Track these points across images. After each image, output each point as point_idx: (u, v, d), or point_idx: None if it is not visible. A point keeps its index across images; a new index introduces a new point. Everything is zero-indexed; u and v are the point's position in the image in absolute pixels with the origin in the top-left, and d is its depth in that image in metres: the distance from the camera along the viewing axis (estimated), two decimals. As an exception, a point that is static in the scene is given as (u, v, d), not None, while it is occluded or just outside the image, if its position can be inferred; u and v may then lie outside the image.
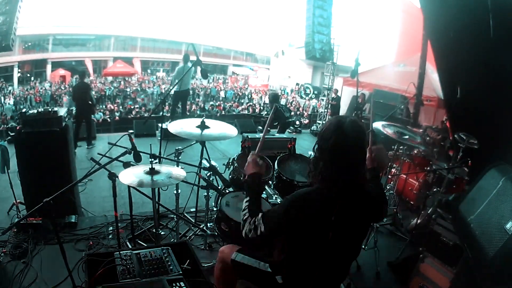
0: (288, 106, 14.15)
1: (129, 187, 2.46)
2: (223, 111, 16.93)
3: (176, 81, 7.17)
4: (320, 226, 1.41)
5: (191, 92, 21.10)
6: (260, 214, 1.51)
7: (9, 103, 15.53)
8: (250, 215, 1.54)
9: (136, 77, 24.81)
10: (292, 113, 10.13)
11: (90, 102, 6.75)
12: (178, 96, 7.55)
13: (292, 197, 1.45)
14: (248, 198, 1.63)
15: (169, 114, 8.17)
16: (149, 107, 16.65)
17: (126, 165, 2.31)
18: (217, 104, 18.78)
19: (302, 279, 1.53)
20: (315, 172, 1.45)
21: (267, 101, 17.87)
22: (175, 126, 2.75)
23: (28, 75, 22.35)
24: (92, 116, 7.46)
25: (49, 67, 23.47)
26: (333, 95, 9.91)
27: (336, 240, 1.42)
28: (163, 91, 19.48)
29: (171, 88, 7.02)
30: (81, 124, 6.79)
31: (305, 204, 1.41)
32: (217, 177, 2.91)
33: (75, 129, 7.12)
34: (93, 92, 9.06)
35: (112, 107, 15.93)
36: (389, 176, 4.13)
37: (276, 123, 5.97)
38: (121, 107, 16.90)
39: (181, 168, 2.52)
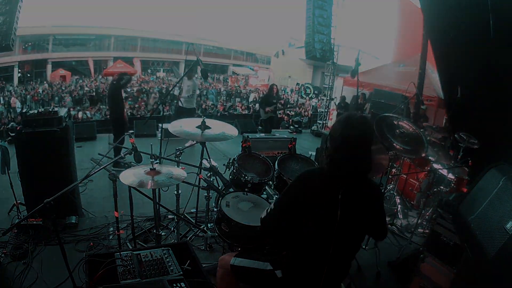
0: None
1: (129, 187, 2.46)
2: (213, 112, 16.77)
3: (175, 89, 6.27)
4: (326, 202, 1.49)
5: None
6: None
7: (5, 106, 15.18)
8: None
9: (136, 76, 24.78)
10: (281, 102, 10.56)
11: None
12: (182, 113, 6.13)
13: (295, 177, 1.62)
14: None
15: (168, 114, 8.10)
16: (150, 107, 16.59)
17: (127, 165, 2.32)
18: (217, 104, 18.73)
19: (303, 272, 1.53)
20: (324, 154, 1.58)
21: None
22: (175, 126, 2.75)
23: (28, 75, 22.34)
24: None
25: (49, 67, 23.46)
26: (342, 104, 9.75)
27: (344, 221, 1.47)
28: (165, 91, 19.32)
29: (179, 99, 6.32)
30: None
31: (308, 180, 1.57)
32: (217, 177, 2.91)
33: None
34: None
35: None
36: (389, 176, 4.13)
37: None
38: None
39: (182, 168, 2.52)
